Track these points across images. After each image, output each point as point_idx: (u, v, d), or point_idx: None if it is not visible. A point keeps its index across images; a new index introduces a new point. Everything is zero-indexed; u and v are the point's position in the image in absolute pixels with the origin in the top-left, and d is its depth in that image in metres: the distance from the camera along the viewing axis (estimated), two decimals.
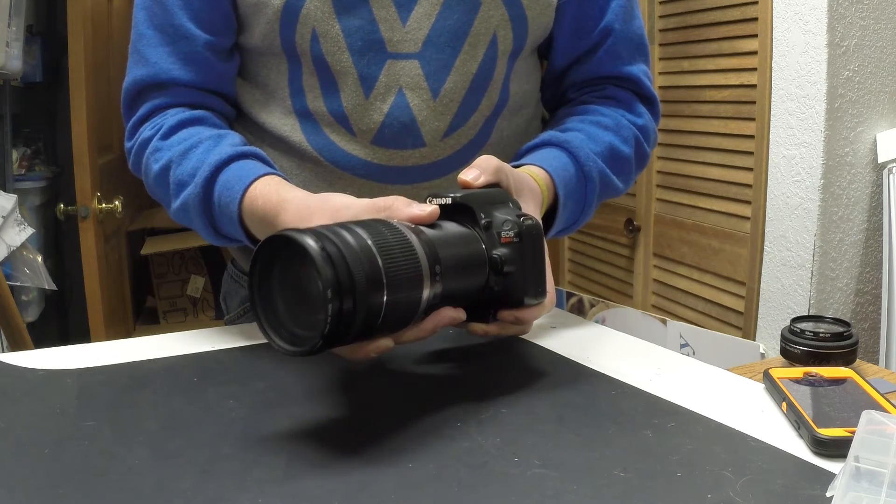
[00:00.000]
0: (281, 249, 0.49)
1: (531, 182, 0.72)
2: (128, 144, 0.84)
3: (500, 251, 0.59)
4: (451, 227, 0.59)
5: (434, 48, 0.79)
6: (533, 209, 0.70)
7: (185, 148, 0.76)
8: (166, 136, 0.79)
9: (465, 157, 0.84)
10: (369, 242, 0.49)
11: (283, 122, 0.83)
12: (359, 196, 0.83)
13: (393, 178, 0.82)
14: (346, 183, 0.83)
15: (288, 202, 0.68)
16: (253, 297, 0.51)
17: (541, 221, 0.67)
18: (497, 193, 0.63)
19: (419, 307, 0.53)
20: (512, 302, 0.60)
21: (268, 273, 0.51)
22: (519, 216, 0.61)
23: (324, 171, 0.83)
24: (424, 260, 0.53)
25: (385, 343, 0.53)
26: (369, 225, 0.52)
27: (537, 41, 0.86)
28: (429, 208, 0.58)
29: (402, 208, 0.58)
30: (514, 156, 0.83)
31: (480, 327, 0.62)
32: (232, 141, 0.78)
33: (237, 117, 0.88)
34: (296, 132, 0.83)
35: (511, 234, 0.59)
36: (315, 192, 0.85)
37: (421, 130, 0.81)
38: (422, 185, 0.83)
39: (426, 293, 0.53)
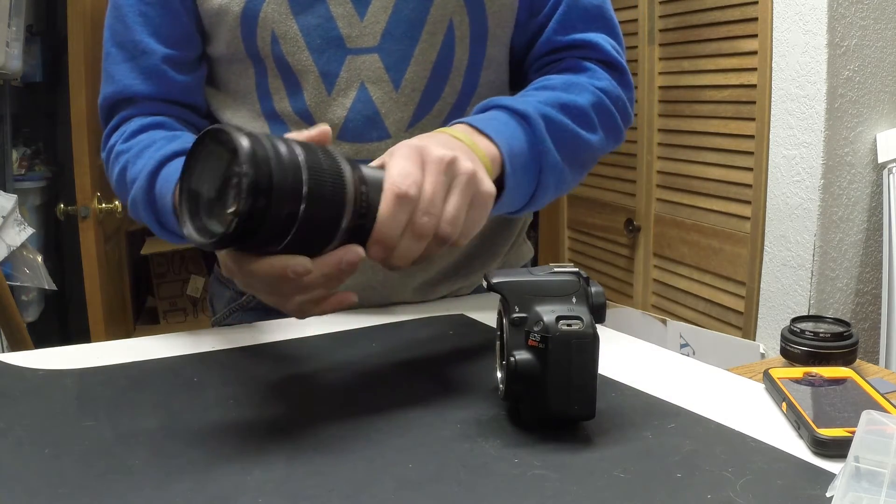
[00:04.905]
0: (218, 143, 0.51)
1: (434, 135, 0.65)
2: (102, 155, 0.86)
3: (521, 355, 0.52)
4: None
5: (392, 40, 0.80)
6: (416, 143, 0.61)
7: (140, 148, 0.79)
8: (126, 140, 0.81)
9: None
10: (300, 156, 0.51)
11: (252, 126, 0.84)
12: None
13: None
14: None
15: None
16: (182, 182, 0.52)
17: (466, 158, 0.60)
18: (562, 284, 0.54)
19: (336, 232, 0.53)
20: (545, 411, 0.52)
21: (198, 161, 0.52)
22: (562, 317, 0.51)
23: None
24: (351, 189, 0.53)
25: (302, 262, 0.52)
26: (308, 146, 0.53)
27: (505, 24, 0.84)
28: (320, 127, 0.58)
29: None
30: None
31: None
32: (185, 140, 0.79)
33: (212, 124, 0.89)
34: None
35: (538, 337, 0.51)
36: None
37: (385, 122, 0.82)
38: None
39: (346, 222, 0.53)
